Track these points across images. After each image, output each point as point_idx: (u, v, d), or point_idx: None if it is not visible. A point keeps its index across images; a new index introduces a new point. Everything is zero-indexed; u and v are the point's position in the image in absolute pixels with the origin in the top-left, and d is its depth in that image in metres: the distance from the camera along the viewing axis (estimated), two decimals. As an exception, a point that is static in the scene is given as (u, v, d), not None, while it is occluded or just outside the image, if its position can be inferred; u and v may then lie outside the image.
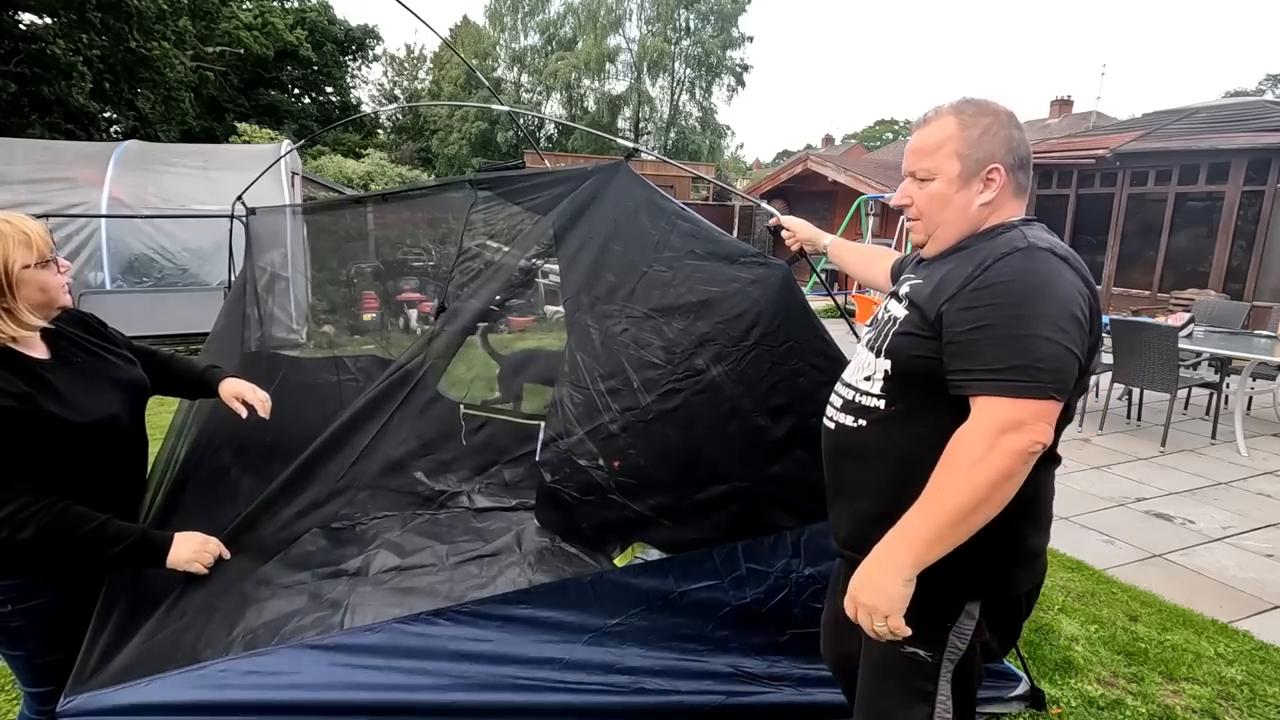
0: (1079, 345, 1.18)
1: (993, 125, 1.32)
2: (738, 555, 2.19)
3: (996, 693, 2.37)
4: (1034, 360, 1.14)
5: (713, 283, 2.27)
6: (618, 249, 2.38)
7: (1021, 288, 1.18)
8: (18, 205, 7.02)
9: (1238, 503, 4.39)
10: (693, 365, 2.25)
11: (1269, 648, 2.84)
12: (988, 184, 1.32)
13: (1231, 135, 9.93)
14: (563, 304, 2.62)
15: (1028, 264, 1.20)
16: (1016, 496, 1.21)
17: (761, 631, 2.20)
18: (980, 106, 1.35)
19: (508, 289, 2.75)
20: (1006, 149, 1.32)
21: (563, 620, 2.05)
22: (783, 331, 2.22)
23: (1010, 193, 1.35)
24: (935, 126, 1.35)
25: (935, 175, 1.34)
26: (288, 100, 31.60)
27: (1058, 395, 1.17)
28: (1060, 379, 1.17)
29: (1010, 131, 1.33)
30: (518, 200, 2.68)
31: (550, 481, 2.58)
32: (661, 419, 2.29)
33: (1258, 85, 44.10)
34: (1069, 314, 1.17)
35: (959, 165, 1.33)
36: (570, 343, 2.55)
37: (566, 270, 2.50)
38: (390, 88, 39.57)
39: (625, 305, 2.38)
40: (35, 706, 1.71)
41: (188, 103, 23.24)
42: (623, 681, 2.02)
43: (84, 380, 1.62)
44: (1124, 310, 10.14)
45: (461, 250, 2.80)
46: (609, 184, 2.39)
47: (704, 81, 34.62)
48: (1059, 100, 40.14)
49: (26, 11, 17.27)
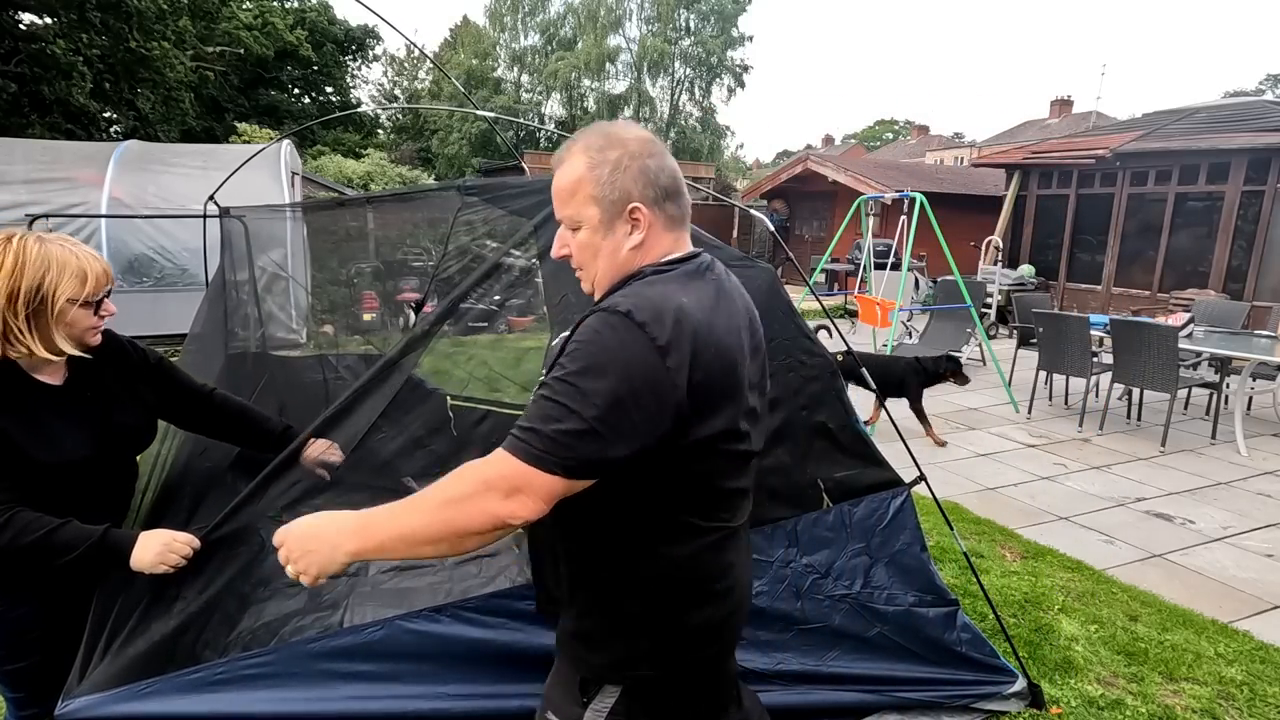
0: (609, 426, 1.02)
1: (623, 159, 1.17)
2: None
3: (994, 689, 2.38)
4: (550, 428, 1.02)
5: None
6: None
7: (581, 353, 1.06)
8: (18, 205, 7.02)
9: (1238, 503, 4.39)
10: None
11: (1269, 648, 2.85)
12: (634, 224, 1.18)
13: (1231, 135, 9.94)
14: (546, 308, 2.66)
15: (596, 326, 1.07)
16: (668, 570, 1.18)
17: (767, 627, 2.22)
18: (608, 138, 1.19)
19: (507, 288, 2.76)
20: (644, 183, 1.17)
21: None
22: (770, 330, 2.28)
23: (661, 228, 1.20)
24: (568, 168, 1.20)
25: (580, 223, 1.21)
26: (288, 100, 31.61)
27: (563, 473, 1.02)
28: (569, 456, 1.02)
29: (644, 163, 1.17)
30: (504, 205, 2.70)
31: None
32: None
33: (1258, 85, 44.11)
34: (609, 390, 1.02)
35: (597, 210, 1.18)
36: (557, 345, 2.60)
37: (553, 275, 2.53)
38: (390, 88, 39.59)
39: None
40: (14, 713, 1.72)
41: (188, 103, 23.24)
42: None
43: (76, 417, 1.60)
44: (1124, 310, 10.15)
45: (447, 252, 2.81)
46: None
47: (704, 81, 34.65)
48: (1059, 100, 40.14)
49: (26, 11, 17.28)
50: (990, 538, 3.81)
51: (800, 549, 2.30)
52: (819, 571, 2.28)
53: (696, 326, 1.08)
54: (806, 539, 2.31)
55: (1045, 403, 6.65)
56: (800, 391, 2.37)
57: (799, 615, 2.24)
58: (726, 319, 1.17)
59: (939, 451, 5.29)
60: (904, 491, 2.51)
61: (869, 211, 14.55)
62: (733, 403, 1.14)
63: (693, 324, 1.08)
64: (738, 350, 1.16)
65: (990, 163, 14.19)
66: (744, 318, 1.24)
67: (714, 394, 1.10)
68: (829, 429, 2.44)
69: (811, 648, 2.24)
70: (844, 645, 2.28)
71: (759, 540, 2.25)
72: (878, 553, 2.39)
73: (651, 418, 1.05)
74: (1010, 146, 19.90)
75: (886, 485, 2.50)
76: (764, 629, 2.21)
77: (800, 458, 2.41)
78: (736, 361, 1.15)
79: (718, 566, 1.24)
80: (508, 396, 3.80)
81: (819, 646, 2.25)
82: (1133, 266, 11.11)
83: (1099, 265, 11.49)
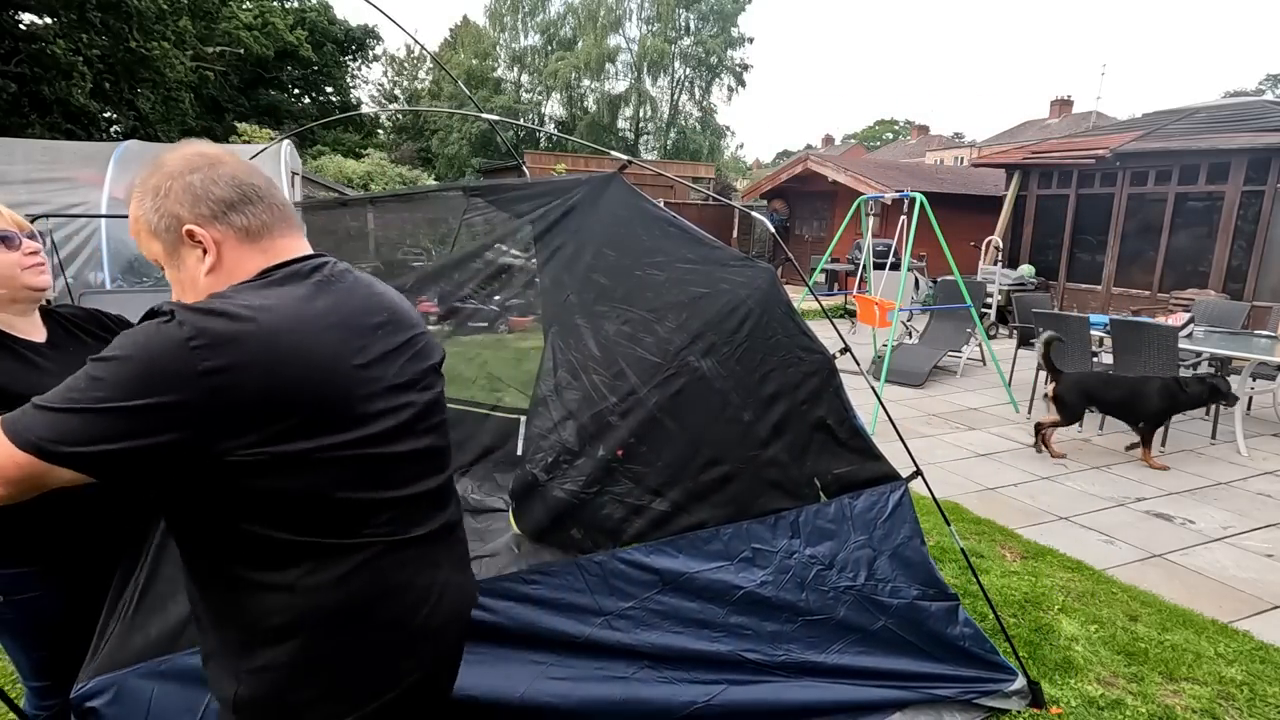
0: (106, 413, 0.92)
1: (163, 184, 1.09)
2: (744, 534, 2.30)
3: (995, 686, 2.38)
4: (48, 402, 0.95)
5: (704, 284, 2.43)
6: (610, 254, 2.51)
7: (115, 342, 0.97)
8: (18, 205, 7.00)
9: (1238, 503, 4.39)
10: (686, 359, 2.39)
11: (1269, 648, 2.85)
12: (200, 247, 1.10)
13: (1231, 135, 9.93)
14: (540, 307, 2.73)
15: (140, 325, 1.00)
16: (285, 601, 1.03)
17: (773, 618, 2.25)
18: (152, 166, 1.13)
19: (518, 289, 2.82)
20: (191, 201, 1.08)
21: (575, 602, 2.09)
22: (770, 327, 2.43)
23: (235, 243, 1.10)
24: (130, 211, 1.14)
25: (159, 262, 1.16)
26: (288, 100, 31.62)
27: (37, 454, 0.92)
28: (49, 435, 0.92)
29: (187, 180, 1.08)
30: (510, 208, 2.73)
31: (544, 480, 2.59)
32: (660, 409, 2.39)
33: (1258, 85, 44.12)
34: (121, 377, 0.93)
35: (160, 244, 1.12)
36: (558, 343, 2.64)
37: (558, 275, 2.57)
38: (390, 88, 39.59)
39: (617, 306, 2.50)
40: (35, 702, 1.72)
41: (188, 103, 23.26)
42: (634, 665, 2.09)
43: (58, 370, 1.58)
44: (1124, 310, 10.15)
45: (456, 253, 2.83)
46: (602, 194, 2.49)
47: (704, 81, 34.67)
48: (1059, 100, 40.13)
49: (26, 11, 17.28)
50: (990, 538, 3.81)
51: (803, 540, 2.34)
52: (823, 563, 2.33)
53: (260, 331, 0.97)
54: (809, 531, 2.36)
55: (1045, 403, 6.65)
56: (800, 386, 2.44)
57: (804, 606, 2.28)
58: (334, 320, 1.06)
59: (938, 451, 5.29)
60: (901, 486, 2.54)
61: (869, 211, 14.54)
62: (328, 408, 1.02)
63: (255, 328, 0.97)
64: (348, 353, 1.06)
65: (990, 163, 14.19)
66: (378, 315, 1.14)
67: (292, 400, 0.99)
68: (827, 424, 2.48)
69: (817, 639, 2.27)
70: (849, 638, 2.30)
71: (761, 530, 2.31)
72: (880, 545, 2.42)
73: (166, 419, 0.92)
74: (1010, 146, 19.90)
75: (884, 480, 2.54)
76: (770, 620, 2.25)
77: (799, 452, 2.45)
78: (335, 366, 1.04)
79: (375, 590, 1.09)
80: (508, 397, 3.81)
81: (824, 638, 2.28)
82: (1133, 266, 11.11)
83: (1099, 265, 11.49)
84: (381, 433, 1.08)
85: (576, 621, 2.08)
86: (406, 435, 1.12)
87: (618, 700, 2.04)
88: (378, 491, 1.09)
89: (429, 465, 1.18)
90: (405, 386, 1.14)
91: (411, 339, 1.19)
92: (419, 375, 1.18)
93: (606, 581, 2.14)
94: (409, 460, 1.13)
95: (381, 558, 1.10)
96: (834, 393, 2.48)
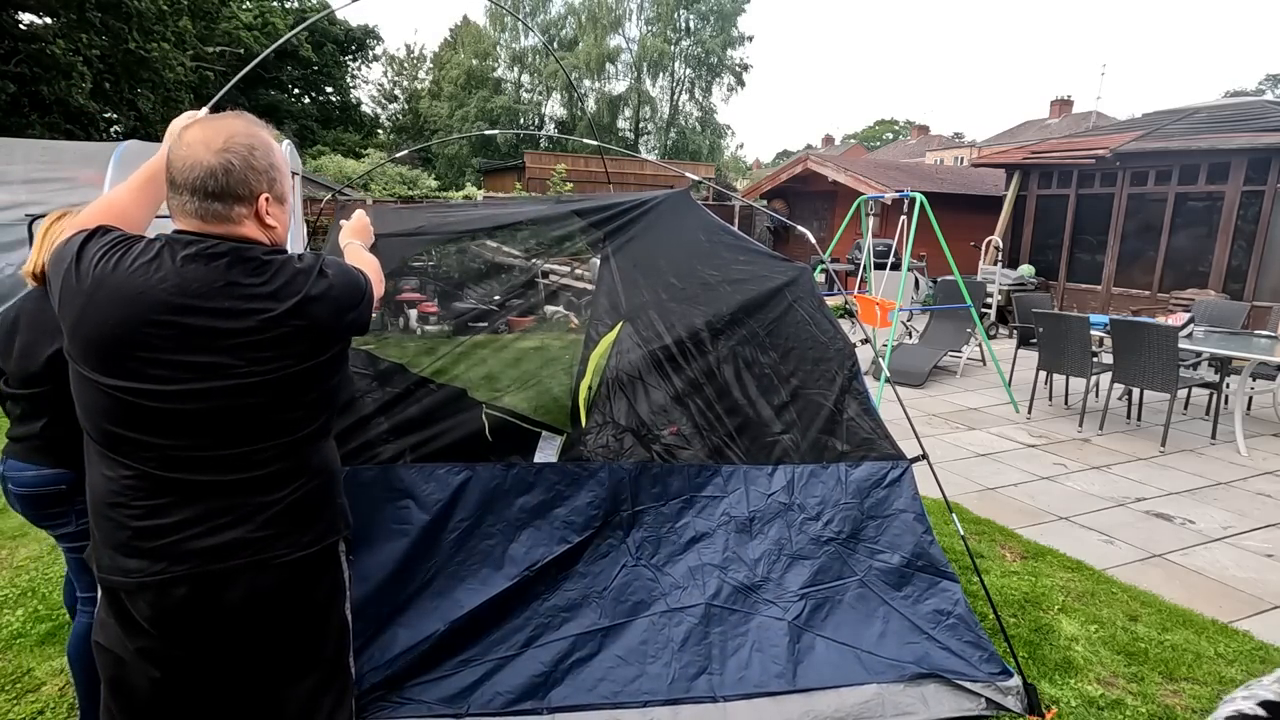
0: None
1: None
2: (740, 475, 2.68)
3: (992, 683, 2.37)
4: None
5: (753, 282, 2.85)
6: (679, 258, 2.94)
7: None
8: (18, 205, 7.02)
9: (1238, 503, 4.39)
10: (733, 348, 2.82)
11: (1269, 648, 2.85)
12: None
13: (1231, 135, 9.93)
14: (623, 303, 3.14)
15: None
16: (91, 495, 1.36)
17: (755, 545, 2.58)
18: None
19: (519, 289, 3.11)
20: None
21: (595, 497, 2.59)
22: (803, 316, 2.84)
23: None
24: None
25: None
26: (288, 100, 31.59)
27: None
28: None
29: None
30: (601, 225, 2.98)
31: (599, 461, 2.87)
32: (720, 383, 2.82)
33: (1258, 85, 44.12)
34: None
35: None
36: (632, 335, 3.01)
37: (638, 275, 3.02)
38: (390, 88, 39.58)
39: (681, 301, 2.90)
40: (76, 594, 2.08)
41: (187, 103, 23.20)
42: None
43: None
44: (1124, 310, 10.15)
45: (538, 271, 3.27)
46: (677, 207, 2.94)
47: (704, 81, 34.64)
48: (1059, 100, 40.09)
49: (26, 11, 17.26)
50: (990, 538, 3.81)
51: (795, 493, 2.65)
52: (810, 515, 2.62)
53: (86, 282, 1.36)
54: (802, 485, 2.66)
55: (1045, 403, 6.65)
56: (823, 364, 2.78)
57: (786, 543, 2.57)
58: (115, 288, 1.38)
59: (938, 451, 5.29)
60: (905, 465, 2.71)
61: (869, 211, 14.53)
62: (106, 355, 1.33)
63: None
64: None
65: (990, 163, 14.19)
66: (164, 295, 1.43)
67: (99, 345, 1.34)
68: (843, 402, 2.74)
69: (792, 576, 2.53)
70: (824, 579, 2.54)
71: (757, 474, 2.67)
72: (871, 511, 2.63)
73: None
74: (1010, 146, 19.88)
75: (887, 457, 2.72)
76: (752, 547, 2.56)
77: (808, 424, 2.73)
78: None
79: (139, 509, 1.32)
80: (507, 397, 3.81)
81: (799, 574, 2.54)
82: (1133, 266, 11.11)
83: (1099, 265, 11.49)
84: (126, 385, 1.38)
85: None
86: (154, 388, 1.43)
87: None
88: (126, 429, 1.37)
89: (156, 421, 1.44)
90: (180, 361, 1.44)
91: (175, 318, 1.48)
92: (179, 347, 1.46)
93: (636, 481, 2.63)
94: (139, 410, 1.39)
95: (143, 484, 1.37)
96: (849, 377, 2.76)
